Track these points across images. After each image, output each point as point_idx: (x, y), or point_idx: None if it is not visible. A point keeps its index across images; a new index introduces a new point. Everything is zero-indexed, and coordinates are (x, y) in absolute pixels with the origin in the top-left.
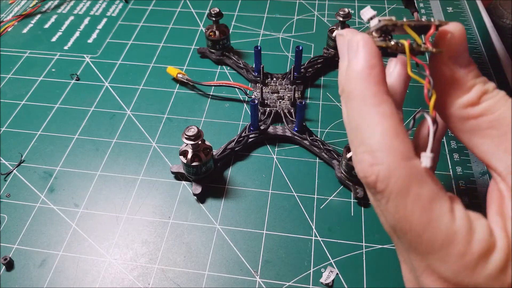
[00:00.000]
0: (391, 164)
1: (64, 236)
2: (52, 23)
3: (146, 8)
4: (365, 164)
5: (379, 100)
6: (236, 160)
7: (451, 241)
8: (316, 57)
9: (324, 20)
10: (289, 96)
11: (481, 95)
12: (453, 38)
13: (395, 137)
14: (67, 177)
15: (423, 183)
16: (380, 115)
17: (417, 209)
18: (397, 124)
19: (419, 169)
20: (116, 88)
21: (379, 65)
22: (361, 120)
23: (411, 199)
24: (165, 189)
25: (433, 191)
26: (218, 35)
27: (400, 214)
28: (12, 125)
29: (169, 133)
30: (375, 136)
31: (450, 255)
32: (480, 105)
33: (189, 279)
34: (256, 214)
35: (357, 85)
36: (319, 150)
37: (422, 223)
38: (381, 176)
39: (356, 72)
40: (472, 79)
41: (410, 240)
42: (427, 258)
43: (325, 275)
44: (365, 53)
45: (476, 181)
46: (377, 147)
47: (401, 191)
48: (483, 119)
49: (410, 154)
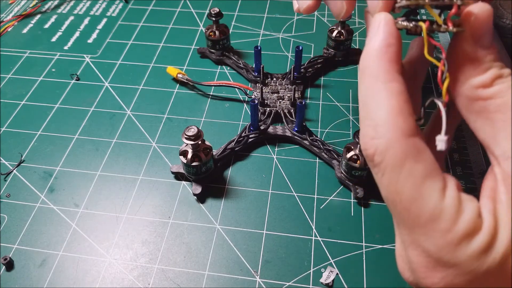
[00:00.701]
0: (390, 139)
1: (64, 236)
2: (52, 23)
3: (146, 8)
4: (367, 137)
5: (390, 77)
6: (236, 160)
7: (437, 218)
8: (316, 57)
9: (324, 20)
10: (289, 96)
11: (495, 78)
12: (477, 19)
13: (399, 114)
14: (67, 177)
15: (418, 161)
16: (388, 92)
17: (408, 184)
18: (403, 103)
19: (417, 147)
20: (116, 88)
21: (396, 44)
22: (371, 94)
23: (404, 173)
24: (165, 189)
25: (427, 169)
26: (218, 35)
27: (392, 186)
28: (12, 125)
29: (169, 133)
30: (380, 111)
31: (434, 231)
32: (492, 88)
33: (189, 279)
34: (256, 214)
35: (372, 61)
36: (319, 150)
37: (411, 198)
38: (379, 149)
39: (373, 48)
40: (490, 62)
41: (399, 213)
42: (413, 232)
43: (325, 275)
44: (384, 32)
45: (476, 181)
46: (380, 122)
47: (396, 165)
48: (491, 102)
49: (411, 132)
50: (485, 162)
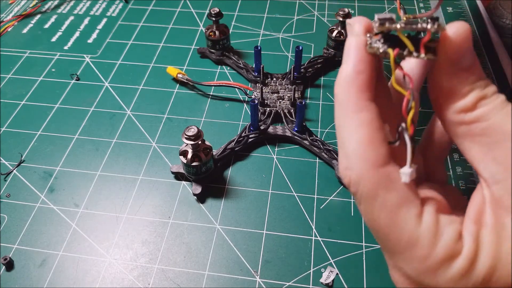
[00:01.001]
0: (361, 171)
1: (64, 236)
2: (52, 23)
3: (146, 8)
4: (342, 166)
5: (360, 107)
6: (236, 160)
7: (414, 245)
8: (316, 57)
9: (324, 20)
10: (289, 96)
11: (478, 101)
12: (451, 44)
13: (368, 145)
14: (67, 177)
15: (390, 190)
16: (357, 122)
17: (383, 213)
18: (374, 132)
19: (389, 176)
20: (116, 88)
21: (366, 71)
22: (341, 124)
23: (378, 204)
24: (165, 189)
25: (400, 198)
26: (218, 35)
27: (368, 216)
28: (12, 125)
29: (169, 133)
30: (350, 142)
31: (413, 257)
32: (475, 111)
33: (189, 279)
34: (256, 214)
35: (341, 89)
36: (319, 150)
37: (387, 226)
38: (352, 180)
39: (342, 76)
40: (470, 84)
41: (379, 239)
42: (393, 257)
43: (325, 275)
44: (353, 58)
45: (476, 181)
46: (351, 153)
47: (369, 196)
48: (476, 125)
49: (382, 162)
50: None
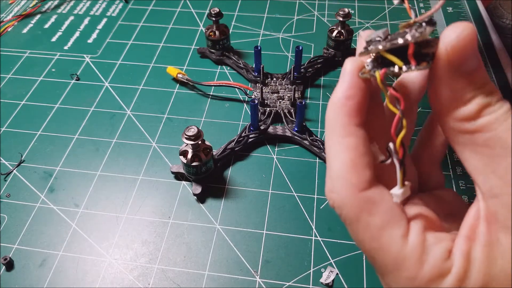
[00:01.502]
0: (343, 194)
1: (64, 236)
2: (52, 23)
3: (146, 8)
4: (327, 189)
5: (347, 132)
6: (236, 160)
7: (400, 266)
8: (316, 57)
9: (324, 20)
10: (289, 96)
11: (482, 109)
12: (453, 48)
13: (351, 169)
14: (67, 177)
15: (373, 213)
16: (342, 147)
17: (367, 236)
18: (358, 157)
19: (372, 200)
20: (116, 88)
21: (356, 97)
22: (328, 147)
23: (361, 227)
24: (165, 189)
25: (384, 220)
26: (218, 35)
27: (354, 237)
28: (12, 125)
29: (169, 133)
30: (335, 166)
31: (400, 278)
32: (479, 120)
33: (189, 279)
34: (256, 214)
35: (330, 113)
36: (319, 150)
37: (373, 249)
38: (336, 203)
39: (333, 100)
40: (473, 91)
41: (368, 260)
42: (384, 277)
43: (325, 275)
44: (344, 83)
45: None
46: (335, 176)
47: (352, 219)
48: (479, 136)
49: (364, 186)
50: None
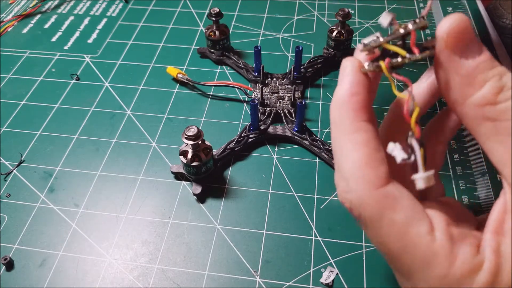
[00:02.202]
0: (361, 193)
1: (64, 236)
2: (52, 23)
3: (146, 8)
4: (341, 189)
5: (355, 127)
6: (236, 160)
7: (430, 263)
8: (316, 57)
9: (324, 20)
10: (289, 96)
11: (497, 91)
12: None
13: (366, 166)
14: (67, 177)
15: (396, 209)
16: (354, 143)
17: (392, 234)
18: (371, 152)
19: (393, 195)
20: (116, 88)
21: (361, 93)
22: (337, 146)
23: (385, 225)
24: (165, 189)
25: (408, 216)
26: (218, 35)
27: (377, 239)
28: (12, 125)
29: (169, 133)
30: (347, 164)
31: (431, 277)
32: (500, 106)
33: (189, 279)
34: (256, 214)
35: (335, 111)
36: (319, 150)
37: (399, 248)
38: (353, 204)
39: (337, 98)
40: (483, 73)
41: (392, 263)
42: (410, 279)
43: (325, 275)
44: (348, 79)
45: (476, 181)
46: (349, 175)
47: (374, 218)
48: (501, 124)
49: (382, 182)
50: (485, 162)
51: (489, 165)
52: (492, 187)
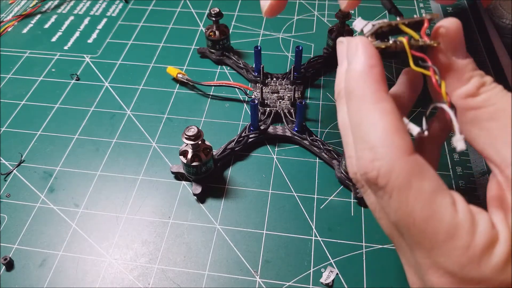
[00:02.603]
0: (392, 159)
1: (64, 236)
2: (52, 23)
3: (146, 8)
4: (366, 160)
5: (379, 97)
6: (236, 160)
7: (454, 234)
8: (316, 57)
9: (324, 20)
10: (289, 96)
11: (480, 86)
12: (449, 31)
13: (395, 133)
14: (67, 177)
15: (424, 177)
16: (380, 112)
17: (420, 202)
18: (398, 121)
19: (420, 164)
20: (116, 88)
21: (378, 65)
22: (362, 117)
23: (413, 193)
24: (165, 189)
25: (434, 186)
26: (218, 35)
27: (402, 209)
28: (12, 125)
29: (169, 133)
30: (376, 132)
31: (454, 249)
32: (480, 97)
33: (189, 279)
34: (256, 214)
35: (357, 84)
36: (319, 150)
37: (425, 217)
38: (382, 171)
39: (356, 71)
40: (470, 71)
41: (414, 236)
42: (431, 254)
43: (325, 275)
44: (364, 53)
45: (476, 181)
46: (378, 143)
47: (403, 185)
48: (483, 111)
49: (410, 150)
50: (485, 162)
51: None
52: None
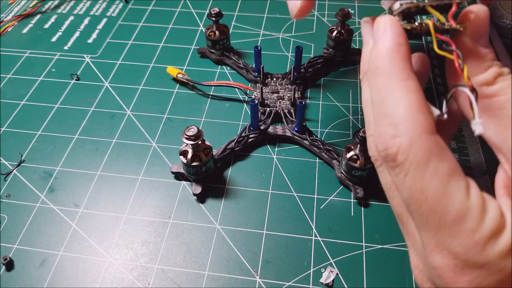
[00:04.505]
0: (413, 136)
1: (64, 236)
2: (52, 23)
3: (146, 8)
4: (387, 136)
5: (406, 75)
6: (236, 160)
7: (463, 217)
8: (316, 57)
9: (324, 20)
10: (289, 96)
11: (497, 76)
12: (477, 17)
13: (419, 111)
14: (67, 177)
15: (443, 158)
16: (405, 89)
17: (434, 182)
18: (422, 100)
19: (440, 144)
20: (116, 88)
21: (405, 43)
22: (387, 94)
23: (429, 171)
24: (165, 189)
25: (451, 168)
26: (218, 35)
27: (416, 186)
28: (12, 125)
29: (169, 133)
30: (399, 109)
31: (461, 231)
32: (495, 86)
33: (189, 279)
34: (256, 214)
35: (384, 61)
36: (319, 150)
37: (438, 196)
38: (402, 147)
39: (384, 49)
40: (490, 60)
41: (423, 214)
42: (438, 234)
43: (325, 275)
44: (392, 32)
45: (476, 181)
46: (401, 120)
47: (421, 163)
48: (496, 99)
49: (432, 130)
50: (485, 162)
51: (489, 165)
52: (492, 187)
